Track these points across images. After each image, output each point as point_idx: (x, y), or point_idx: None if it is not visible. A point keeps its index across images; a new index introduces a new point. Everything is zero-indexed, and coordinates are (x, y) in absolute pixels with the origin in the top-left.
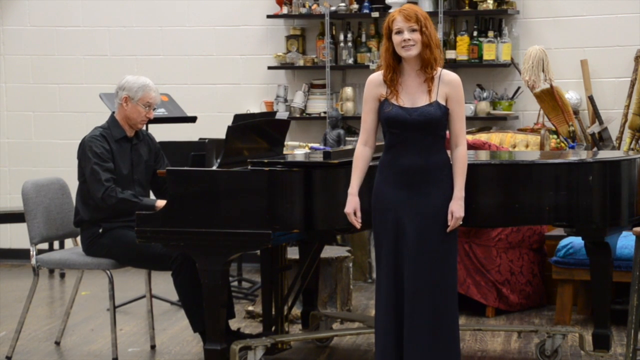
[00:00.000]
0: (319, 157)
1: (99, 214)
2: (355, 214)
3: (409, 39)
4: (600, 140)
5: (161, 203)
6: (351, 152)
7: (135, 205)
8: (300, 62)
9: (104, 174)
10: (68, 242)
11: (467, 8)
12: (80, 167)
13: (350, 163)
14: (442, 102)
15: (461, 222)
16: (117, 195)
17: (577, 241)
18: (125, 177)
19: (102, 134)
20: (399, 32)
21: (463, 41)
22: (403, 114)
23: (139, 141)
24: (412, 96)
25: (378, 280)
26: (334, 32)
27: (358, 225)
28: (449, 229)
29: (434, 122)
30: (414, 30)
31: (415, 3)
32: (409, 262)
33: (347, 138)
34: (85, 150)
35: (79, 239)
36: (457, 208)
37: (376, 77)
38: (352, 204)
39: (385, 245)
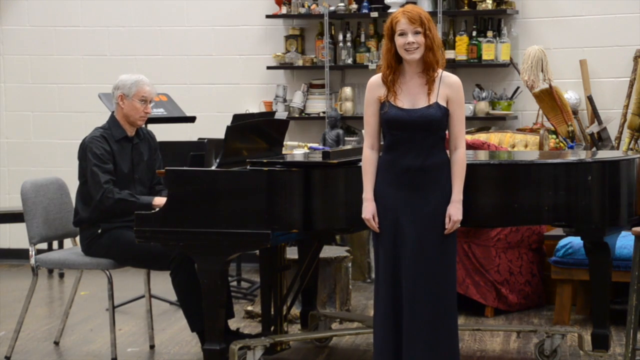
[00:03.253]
0: (318, 157)
1: (98, 214)
2: (373, 218)
3: (413, 42)
4: (599, 140)
5: (159, 200)
6: (350, 152)
7: (133, 205)
8: (300, 62)
9: (103, 176)
10: (67, 242)
11: (466, 8)
12: (81, 167)
13: (349, 163)
14: (443, 104)
15: (459, 225)
16: (114, 197)
17: (576, 241)
18: (126, 177)
19: (103, 135)
20: (403, 34)
21: (462, 41)
22: (403, 115)
23: (139, 140)
24: (413, 97)
25: (377, 281)
26: (333, 32)
27: (377, 230)
28: (446, 232)
29: (435, 123)
30: (417, 33)
31: (415, 3)
32: (409, 262)
33: (346, 138)
34: (85, 151)
35: (78, 239)
36: (455, 211)
37: (376, 80)
38: (370, 209)
39: (385, 245)
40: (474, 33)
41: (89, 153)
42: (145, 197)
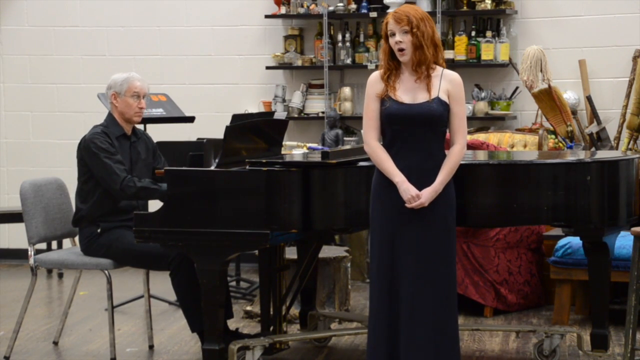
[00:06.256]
0: (317, 157)
1: (98, 211)
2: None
3: (400, 41)
4: (598, 140)
5: None
6: (350, 152)
7: (156, 192)
8: (299, 62)
9: (116, 166)
10: (66, 242)
11: (465, 8)
12: (81, 166)
13: (348, 163)
14: (444, 98)
15: (416, 208)
16: (136, 185)
17: (575, 241)
18: None
19: (103, 131)
20: (392, 34)
21: (461, 41)
22: (404, 109)
23: (137, 139)
24: (412, 93)
25: (371, 281)
26: (332, 32)
27: (425, 204)
28: (406, 205)
29: (436, 117)
30: (405, 32)
31: (413, 3)
32: (408, 263)
33: (345, 138)
34: (89, 148)
35: (77, 239)
36: (426, 195)
37: (377, 76)
38: (413, 189)
39: (382, 247)
40: (473, 33)
41: (94, 148)
42: (166, 185)
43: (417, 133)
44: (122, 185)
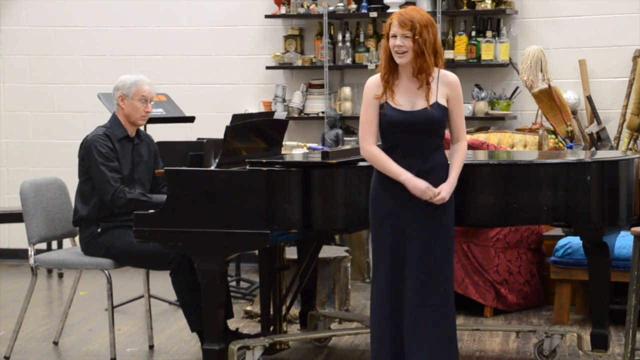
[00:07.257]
0: (317, 157)
1: (98, 213)
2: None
3: (401, 46)
4: (598, 140)
5: None
6: (350, 152)
7: (146, 204)
8: (299, 62)
9: (111, 175)
10: (66, 242)
11: (465, 8)
12: (82, 166)
13: (348, 163)
14: (443, 102)
15: (438, 202)
16: (125, 196)
17: (575, 241)
18: (126, 177)
19: (105, 133)
20: (393, 36)
21: (461, 41)
22: (404, 117)
23: (140, 141)
24: (411, 99)
25: (375, 282)
26: (332, 32)
27: (434, 197)
28: (429, 199)
29: (435, 124)
30: (406, 37)
31: (414, 3)
32: (413, 264)
33: (345, 138)
34: (90, 150)
35: (77, 239)
36: (446, 189)
37: (375, 80)
38: (422, 182)
39: (385, 248)
40: (473, 33)
41: (94, 152)
42: (157, 195)
43: (416, 139)
44: (113, 196)
